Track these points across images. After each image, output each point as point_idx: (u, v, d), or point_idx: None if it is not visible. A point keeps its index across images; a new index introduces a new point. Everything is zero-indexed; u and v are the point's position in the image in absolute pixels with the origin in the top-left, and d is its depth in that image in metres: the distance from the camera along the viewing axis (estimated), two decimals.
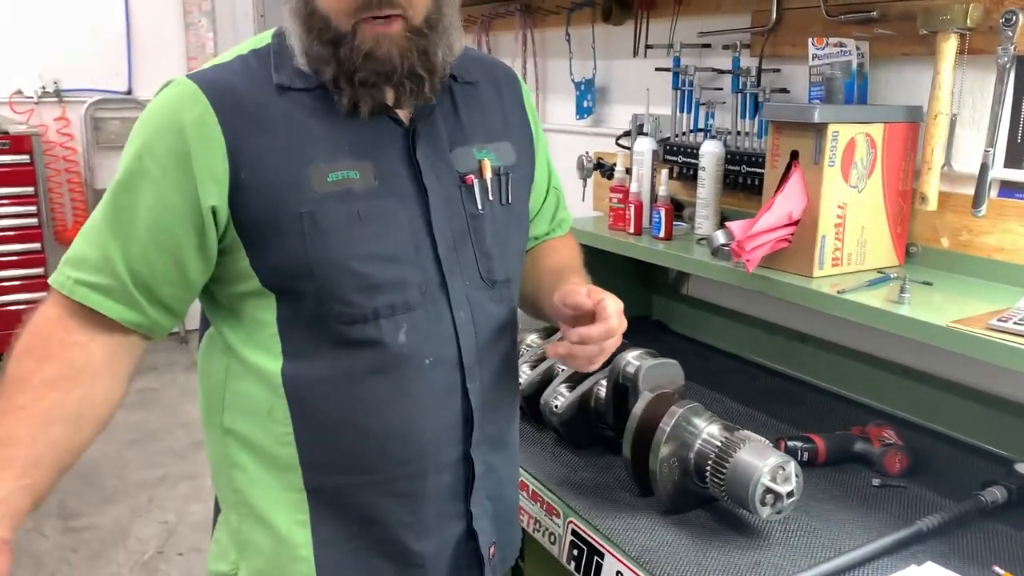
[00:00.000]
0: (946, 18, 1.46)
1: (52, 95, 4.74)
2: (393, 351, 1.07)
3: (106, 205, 1.04)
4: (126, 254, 1.03)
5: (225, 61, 1.08)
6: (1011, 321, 1.21)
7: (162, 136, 1.01)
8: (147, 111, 1.04)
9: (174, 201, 1.02)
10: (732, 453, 1.27)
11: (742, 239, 1.49)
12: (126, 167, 1.03)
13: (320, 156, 1.03)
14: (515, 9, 2.72)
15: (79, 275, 1.03)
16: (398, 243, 1.06)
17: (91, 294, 1.03)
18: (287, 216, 1.02)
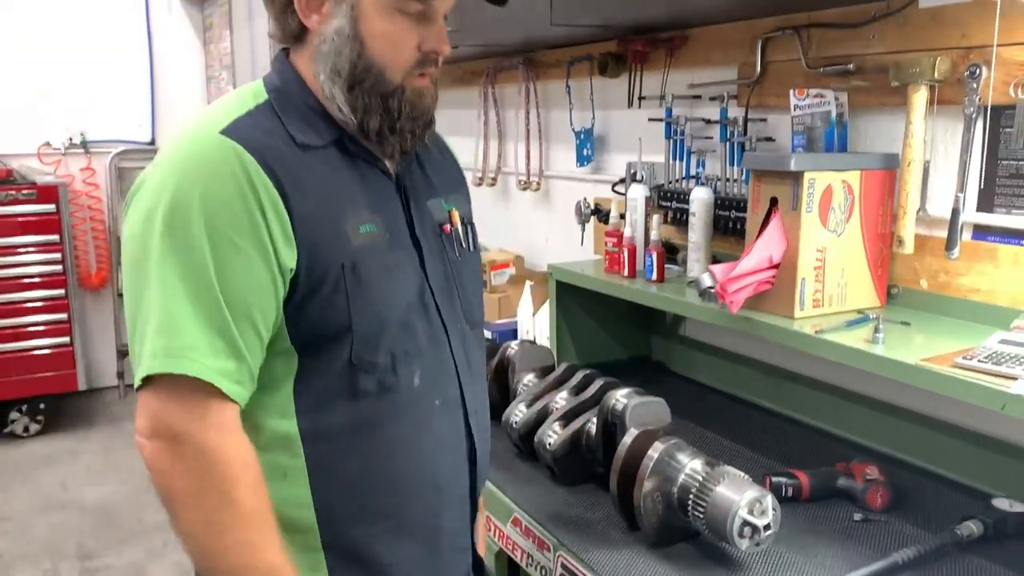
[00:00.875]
0: (916, 71, 1.53)
1: (79, 146, 4.93)
2: (408, 395, 1.11)
3: (190, 286, 0.98)
4: (235, 329, 0.99)
5: (237, 116, 1.05)
6: (975, 359, 1.26)
7: (230, 201, 0.99)
8: (188, 171, 1.00)
9: (260, 267, 1.00)
10: (712, 487, 1.32)
11: (724, 282, 1.55)
12: (195, 240, 0.97)
13: (349, 210, 1.07)
14: (518, 63, 2.83)
15: (210, 362, 0.98)
16: (409, 292, 1.12)
17: (225, 381, 0.99)
18: (332, 269, 1.03)
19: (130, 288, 1.02)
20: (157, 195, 0.99)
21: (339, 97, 1.08)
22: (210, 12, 4.98)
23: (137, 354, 1.00)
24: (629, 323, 2.35)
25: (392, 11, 1.06)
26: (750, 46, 1.93)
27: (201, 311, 0.98)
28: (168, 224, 0.98)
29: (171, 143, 1.06)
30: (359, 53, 1.06)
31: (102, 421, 4.72)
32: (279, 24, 1.11)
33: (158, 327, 0.97)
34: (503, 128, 3.09)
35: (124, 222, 1.06)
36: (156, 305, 0.98)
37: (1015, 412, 1.18)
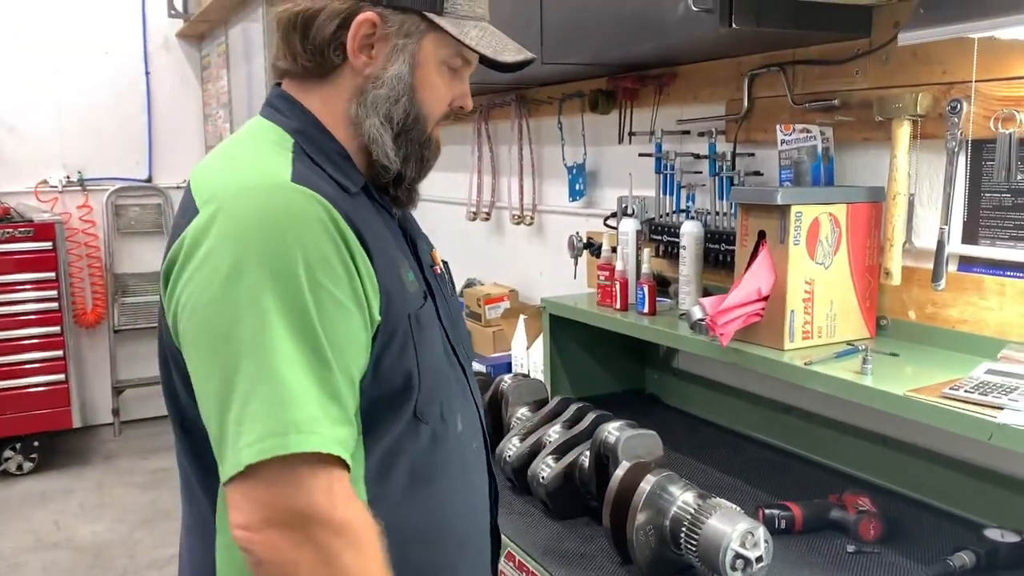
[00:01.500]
0: (899, 106, 1.56)
1: (76, 184, 4.96)
2: (456, 443, 1.10)
3: (301, 349, 0.89)
4: (344, 393, 0.93)
5: (290, 163, 0.99)
6: (962, 389, 1.28)
7: (327, 253, 0.93)
8: (278, 224, 0.92)
9: (358, 322, 0.95)
10: (704, 520, 1.33)
11: (714, 314, 1.57)
12: (301, 298, 0.90)
13: (398, 258, 1.05)
14: (511, 100, 2.87)
15: (331, 433, 0.90)
16: (442, 339, 1.10)
17: (344, 452, 0.91)
18: (402, 320, 1.00)
19: (217, 360, 0.90)
20: (241, 250, 0.90)
21: (388, 144, 1.06)
22: (207, 51, 5.05)
23: (232, 434, 0.87)
24: (623, 356, 2.36)
25: (442, 65, 1.08)
26: (737, 83, 1.97)
27: (315, 376, 0.89)
28: (266, 281, 0.89)
29: (226, 196, 0.95)
30: (412, 102, 1.06)
31: (96, 459, 4.69)
32: (312, 58, 1.05)
33: (272, 400, 0.87)
34: (496, 163, 3.13)
35: (181, 290, 0.93)
36: (264, 375, 0.87)
37: (1002, 442, 1.19)
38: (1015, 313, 1.48)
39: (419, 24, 1.05)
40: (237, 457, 0.87)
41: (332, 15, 1.03)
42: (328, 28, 1.03)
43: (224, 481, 0.89)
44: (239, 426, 0.87)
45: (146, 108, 5.13)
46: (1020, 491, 1.50)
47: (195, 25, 4.83)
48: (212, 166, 1.05)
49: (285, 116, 1.07)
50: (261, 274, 0.89)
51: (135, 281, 5.15)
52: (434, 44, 1.07)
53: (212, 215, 0.93)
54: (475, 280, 3.28)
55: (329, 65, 1.05)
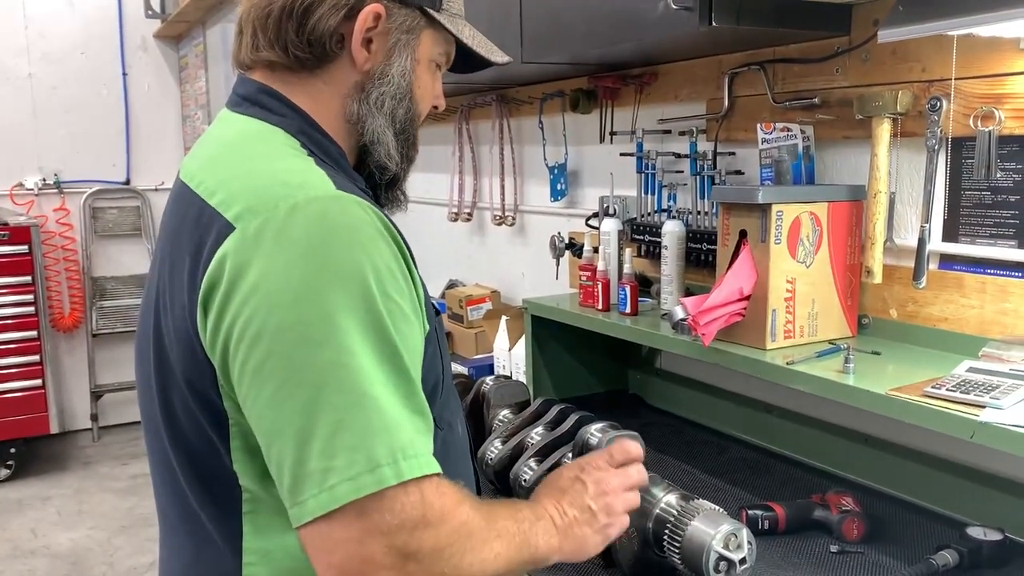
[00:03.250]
0: (879, 104, 1.56)
1: (52, 186, 4.90)
2: (460, 446, 1.10)
3: (386, 369, 0.84)
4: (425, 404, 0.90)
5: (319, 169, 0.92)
6: (944, 388, 1.27)
7: (390, 265, 0.88)
8: (340, 238, 0.85)
9: (419, 334, 0.92)
10: (687, 521, 1.31)
11: (696, 314, 1.56)
12: (378, 315, 0.84)
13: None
14: (491, 99, 2.86)
15: (427, 450, 0.87)
16: None
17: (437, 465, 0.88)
18: (432, 327, 0.97)
19: (295, 389, 0.82)
20: (304, 270, 0.83)
21: (392, 143, 1.03)
22: (185, 52, 5.00)
23: (319, 470, 0.80)
24: (605, 356, 2.35)
25: (431, 63, 1.07)
26: (717, 82, 1.96)
27: (403, 394, 0.85)
28: (341, 300, 0.82)
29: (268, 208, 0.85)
30: (412, 101, 1.04)
31: (74, 465, 4.63)
32: (306, 49, 0.98)
33: (369, 428, 0.81)
34: (478, 163, 3.11)
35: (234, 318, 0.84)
36: (356, 399, 0.81)
37: (984, 440, 1.18)
38: (995, 311, 1.48)
39: (419, 20, 1.02)
40: (330, 494, 0.80)
41: (337, 5, 0.97)
42: (332, 18, 0.97)
43: (305, 522, 0.81)
44: (328, 460, 0.80)
45: (123, 109, 5.08)
46: (1002, 489, 1.50)
47: (172, 26, 4.78)
48: (224, 171, 0.94)
49: (278, 115, 0.99)
50: (334, 293, 0.83)
51: (113, 284, 5.10)
52: (430, 41, 1.05)
53: (259, 231, 0.84)
54: (457, 281, 3.26)
55: (325, 58, 0.99)
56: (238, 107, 1.02)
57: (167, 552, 1.06)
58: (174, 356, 0.91)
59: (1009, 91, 1.42)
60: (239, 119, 1.01)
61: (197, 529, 0.97)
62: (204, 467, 0.94)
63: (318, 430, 0.81)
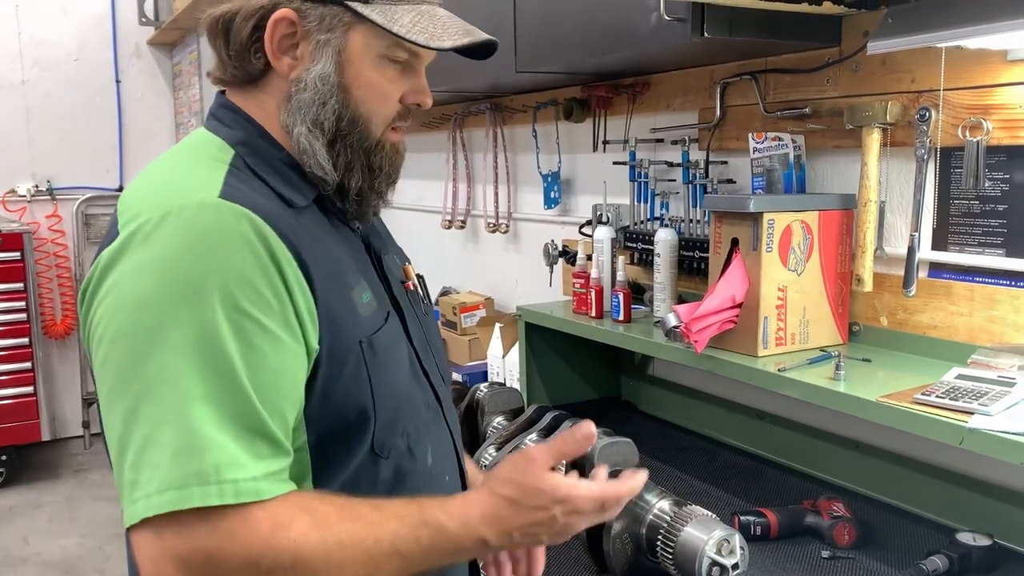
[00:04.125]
0: (868, 114, 1.58)
1: (45, 193, 4.89)
2: (424, 477, 1.01)
3: (213, 385, 0.81)
4: (272, 425, 0.84)
5: (223, 177, 0.91)
6: (934, 395, 1.29)
7: (252, 277, 0.84)
8: (195, 246, 0.83)
9: (289, 351, 0.86)
10: (680, 527, 1.33)
11: (689, 321, 1.57)
12: (214, 327, 0.81)
13: (351, 278, 0.96)
14: (485, 108, 2.87)
15: (252, 472, 0.82)
16: (406, 363, 1.02)
17: (276, 484, 0.84)
18: (352, 347, 0.92)
19: (119, 398, 0.82)
20: (152, 277, 0.82)
21: (320, 153, 0.96)
22: (179, 59, 5.00)
23: (128, 482, 0.80)
24: (598, 363, 2.36)
25: (380, 59, 0.98)
26: (709, 91, 1.98)
27: (230, 412, 0.81)
28: (176, 311, 0.81)
29: (146, 216, 0.86)
30: (344, 103, 0.96)
31: (66, 472, 4.61)
32: (236, 64, 0.98)
33: (178, 446, 0.79)
34: (471, 171, 3.12)
35: (91, 318, 0.86)
36: (167, 416, 0.80)
37: (973, 446, 1.20)
38: (984, 318, 1.50)
39: (342, 16, 0.95)
40: (133, 508, 0.79)
41: (248, 15, 0.95)
42: (244, 30, 0.95)
43: (125, 529, 0.82)
44: (136, 473, 0.80)
45: (117, 116, 5.07)
46: (991, 495, 1.52)
47: (166, 32, 4.79)
48: (141, 183, 0.95)
49: (227, 127, 0.98)
50: (171, 304, 0.82)
51: None
52: (364, 36, 0.97)
53: (127, 238, 0.86)
54: (450, 288, 3.27)
55: (254, 70, 0.97)
56: (206, 122, 1.03)
57: None
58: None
59: (996, 102, 1.44)
60: (195, 132, 1.03)
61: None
62: None
63: (132, 442, 0.80)
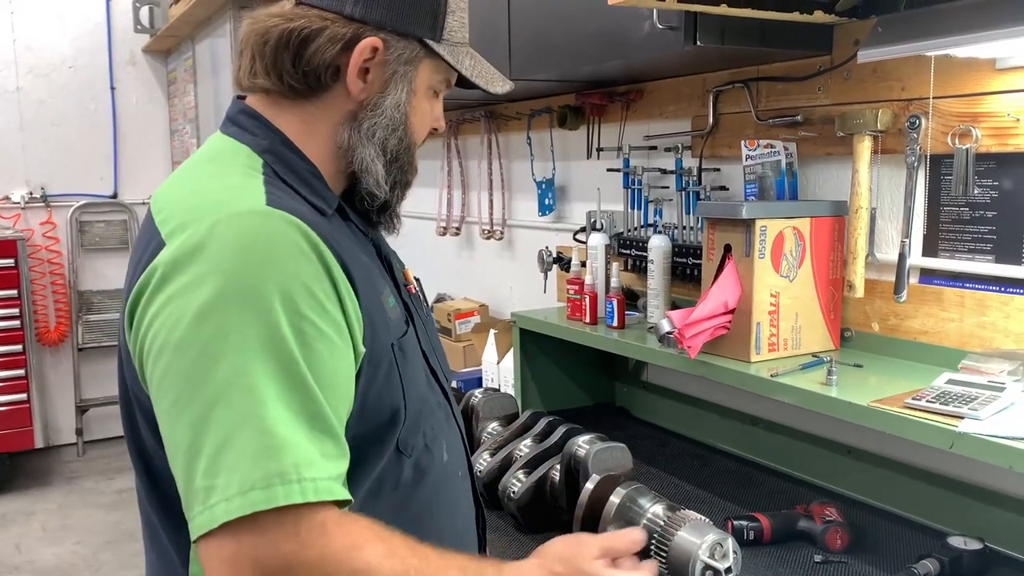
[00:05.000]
0: (859, 122, 1.60)
1: (39, 200, 4.89)
2: (441, 474, 1.06)
3: (284, 388, 0.83)
4: (337, 426, 0.87)
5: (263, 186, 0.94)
6: (924, 399, 1.30)
7: (308, 282, 0.87)
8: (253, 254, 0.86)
9: (343, 353, 0.90)
10: (673, 532, 1.33)
11: (682, 327, 1.58)
12: (280, 332, 0.83)
13: (379, 284, 1.01)
14: (480, 115, 2.89)
15: (326, 473, 0.84)
16: (423, 364, 1.06)
17: (342, 489, 0.86)
18: (387, 349, 0.96)
19: (187, 405, 0.83)
20: (215, 285, 0.83)
21: (380, 173, 1.02)
22: (174, 66, 5.01)
23: (202, 488, 0.80)
24: (593, 369, 2.37)
25: (430, 90, 1.06)
26: (702, 99, 2.00)
27: (304, 413, 0.83)
28: (242, 317, 0.83)
29: (195, 225, 0.88)
30: (407, 130, 1.04)
31: (59, 480, 4.60)
32: (301, 77, 0.99)
33: (256, 447, 0.80)
34: (466, 178, 3.14)
35: (148, 327, 0.87)
36: (243, 419, 0.80)
37: (963, 450, 1.21)
38: (974, 324, 1.51)
39: (418, 51, 1.02)
40: (210, 514, 0.80)
41: (335, 38, 0.98)
42: (329, 51, 0.98)
43: (194, 539, 0.82)
44: (212, 478, 0.80)
45: (111, 123, 5.08)
46: (982, 499, 1.53)
47: (161, 40, 4.80)
48: (176, 191, 0.98)
49: (251, 134, 1.01)
50: (236, 310, 0.83)
51: (100, 298, 5.08)
52: (429, 71, 1.04)
53: (181, 245, 0.87)
54: (445, 295, 3.28)
55: (320, 87, 1.00)
56: (223, 127, 1.05)
57: (145, 564, 1.09)
58: (125, 369, 0.96)
59: (985, 110, 1.46)
60: (217, 138, 1.04)
61: (155, 537, 1.00)
62: (155, 476, 0.96)
63: (205, 448, 0.81)
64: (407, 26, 1.00)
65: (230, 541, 0.80)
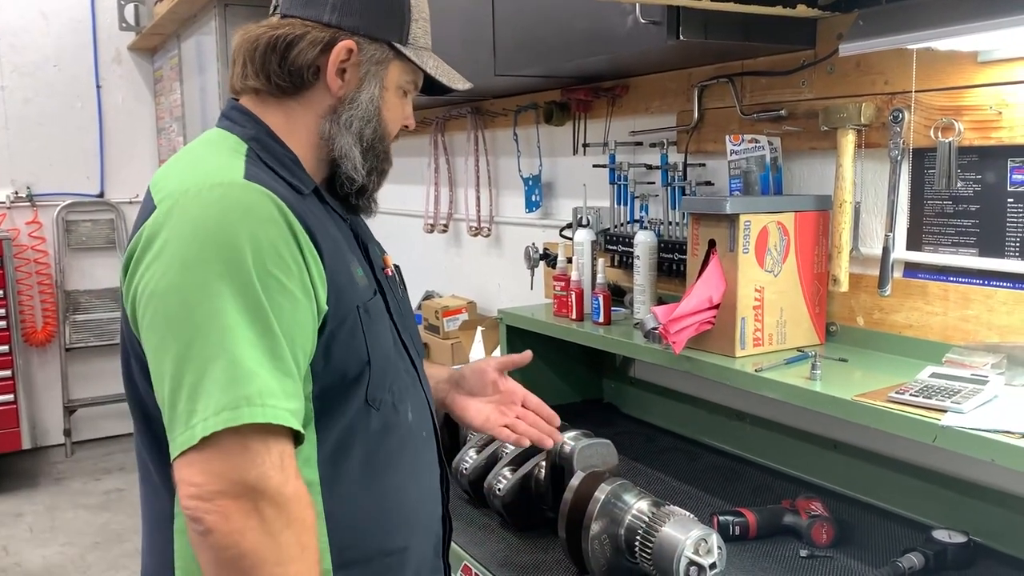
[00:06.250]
0: (843, 116, 1.59)
1: (25, 199, 4.85)
2: (407, 431, 1.17)
3: (254, 330, 0.95)
4: (296, 369, 0.99)
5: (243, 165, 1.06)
6: (908, 393, 1.30)
7: (276, 244, 0.99)
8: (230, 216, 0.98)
9: (305, 308, 1.01)
10: (658, 527, 1.33)
11: (667, 323, 1.58)
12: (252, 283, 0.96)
13: (348, 255, 1.12)
14: (466, 112, 2.88)
15: (284, 404, 0.95)
16: (391, 332, 1.18)
17: (296, 423, 0.97)
18: (351, 311, 1.08)
19: (171, 343, 0.95)
20: (197, 241, 0.97)
21: (357, 159, 1.16)
22: (160, 64, 4.98)
23: (185, 412, 0.93)
24: (580, 366, 2.36)
25: (399, 89, 1.20)
26: (687, 94, 1.99)
27: (268, 353, 0.96)
28: (219, 268, 0.96)
29: (183, 193, 1.01)
30: (380, 122, 1.17)
31: (47, 481, 4.57)
32: (287, 77, 1.12)
33: (226, 376, 0.93)
34: (453, 175, 3.13)
35: (139, 280, 0.99)
36: (218, 353, 0.93)
37: (946, 444, 1.21)
38: (958, 317, 1.51)
39: (388, 53, 1.16)
40: (191, 432, 0.92)
41: (315, 42, 1.12)
42: (310, 53, 1.12)
43: (175, 456, 0.94)
44: (193, 403, 0.93)
45: (97, 122, 5.04)
46: (965, 492, 1.53)
47: (147, 38, 4.77)
48: (170, 168, 1.11)
49: (240, 126, 1.14)
50: (214, 263, 0.96)
51: (87, 298, 5.05)
52: (398, 71, 1.18)
53: (169, 209, 1.00)
54: (433, 292, 3.27)
55: (304, 85, 1.14)
56: (218, 122, 1.19)
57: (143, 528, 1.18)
58: (124, 325, 1.08)
59: (967, 103, 1.46)
60: (211, 131, 1.18)
61: (147, 474, 1.12)
62: (149, 419, 1.07)
63: (186, 378, 0.94)
64: (377, 31, 1.15)
65: (201, 458, 0.93)
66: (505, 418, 1.41)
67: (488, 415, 1.41)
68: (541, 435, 1.40)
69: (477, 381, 1.43)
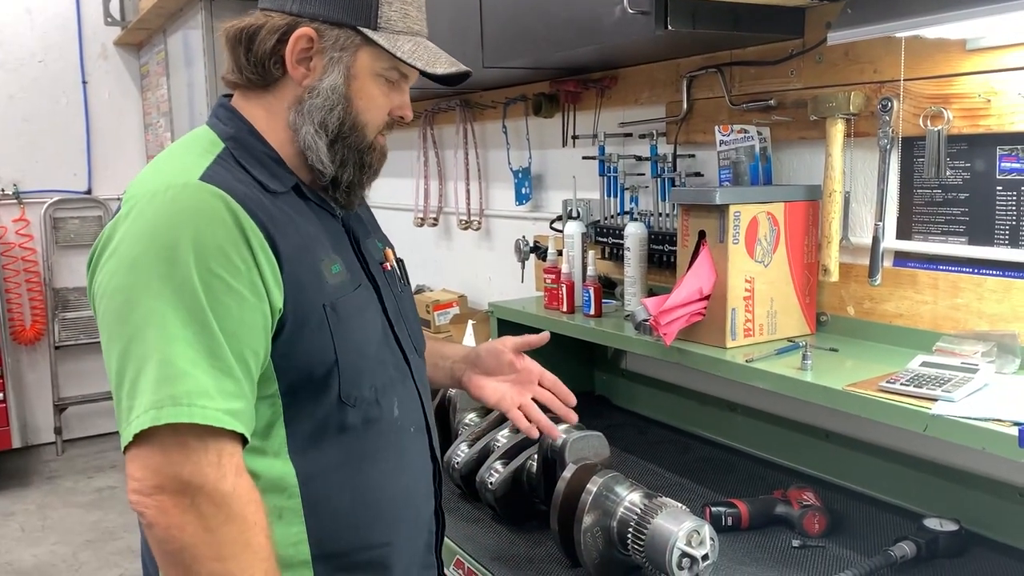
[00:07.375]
0: (832, 105, 1.59)
1: (11, 197, 4.82)
2: (390, 426, 1.16)
3: (190, 330, 0.97)
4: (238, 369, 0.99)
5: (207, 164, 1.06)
6: (898, 382, 1.30)
7: (222, 244, 1.00)
8: (176, 218, 0.99)
9: (253, 308, 1.01)
10: (650, 519, 1.33)
11: (657, 314, 1.57)
12: (190, 284, 0.97)
13: (321, 252, 1.11)
14: (455, 104, 2.86)
15: (219, 404, 0.96)
16: (376, 328, 1.18)
17: (236, 423, 0.98)
18: (316, 309, 1.07)
19: (115, 340, 0.98)
20: (143, 243, 0.99)
21: (322, 150, 1.13)
22: (146, 59, 4.94)
23: (126, 408, 0.96)
24: (572, 358, 2.36)
25: (378, 77, 1.16)
26: (676, 85, 1.98)
27: (204, 353, 0.97)
28: (160, 269, 0.97)
29: (142, 195, 1.03)
30: (347, 111, 1.13)
31: (38, 480, 4.55)
32: (254, 70, 1.13)
33: (158, 376, 0.95)
34: (443, 168, 3.11)
35: (96, 278, 1.03)
36: (152, 353, 0.95)
37: (936, 432, 1.21)
38: (948, 306, 1.51)
39: (354, 38, 1.12)
40: (129, 429, 0.95)
41: (272, 30, 1.11)
42: (269, 42, 1.11)
43: (122, 451, 0.97)
44: (131, 400, 0.96)
45: (84, 118, 5.00)
46: (956, 480, 1.54)
47: (133, 33, 4.73)
48: (143, 171, 1.12)
49: (223, 123, 1.15)
50: (157, 263, 0.98)
51: (76, 296, 5.01)
52: (370, 57, 1.14)
53: (128, 211, 1.03)
54: (424, 286, 3.26)
55: (271, 77, 1.13)
56: (208, 120, 1.19)
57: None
58: None
59: (956, 91, 1.46)
60: (199, 128, 1.18)
61: None
62: None
63: (127, 375, 0.97)
64: (340, 16, 1.11)
65: (141, 454, 0.96)
66: (522, 397, 1.43)
67: (504, 393, 1.43)
68: (550, 426, 1.42)
69: (493, 361, 1.44)
